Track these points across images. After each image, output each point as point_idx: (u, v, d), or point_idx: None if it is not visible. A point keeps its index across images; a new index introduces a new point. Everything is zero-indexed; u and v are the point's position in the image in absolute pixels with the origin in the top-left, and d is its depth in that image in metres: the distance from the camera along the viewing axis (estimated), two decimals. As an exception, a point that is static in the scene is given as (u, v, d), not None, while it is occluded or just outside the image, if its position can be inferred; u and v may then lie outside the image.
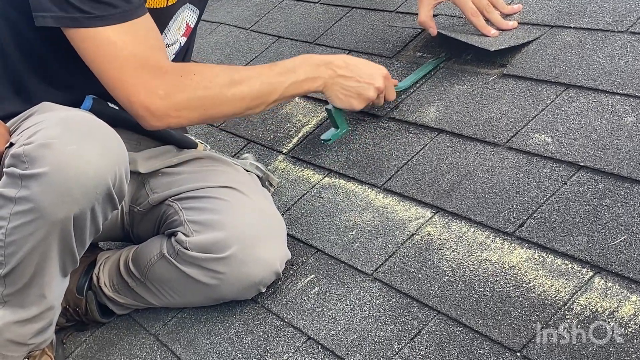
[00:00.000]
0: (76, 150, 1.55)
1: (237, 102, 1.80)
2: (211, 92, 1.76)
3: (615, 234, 1.51)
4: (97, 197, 1.58)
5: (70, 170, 1.54)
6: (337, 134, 2.07)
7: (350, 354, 1.56)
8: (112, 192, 1.60)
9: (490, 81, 2.01)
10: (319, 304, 1.71)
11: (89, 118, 1.65)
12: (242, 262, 1.73)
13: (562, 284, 1.48)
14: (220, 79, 1.78)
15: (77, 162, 1.54)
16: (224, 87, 1.78)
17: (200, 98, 1.75)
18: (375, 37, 2.43)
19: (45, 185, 1.53)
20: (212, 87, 1.76)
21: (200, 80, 1.75)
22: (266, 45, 2.74)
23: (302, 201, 2.00)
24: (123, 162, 1.63)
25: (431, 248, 1.69)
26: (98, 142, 1.59)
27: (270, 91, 1.84)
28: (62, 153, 1.54)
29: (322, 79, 1.92)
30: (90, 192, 1.57)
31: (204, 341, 1.76)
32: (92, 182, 1.56)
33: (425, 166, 1.89)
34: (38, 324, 1.72)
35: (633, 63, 1.83)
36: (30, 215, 1.56)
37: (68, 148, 1.55)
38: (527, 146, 1.78)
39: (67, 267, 1.68)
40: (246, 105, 1.82)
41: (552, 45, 2.00)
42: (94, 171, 1.56)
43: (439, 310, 1.56)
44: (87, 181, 1.55)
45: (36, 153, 1.55)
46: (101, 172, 1.57)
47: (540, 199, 1.65)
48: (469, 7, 2.08)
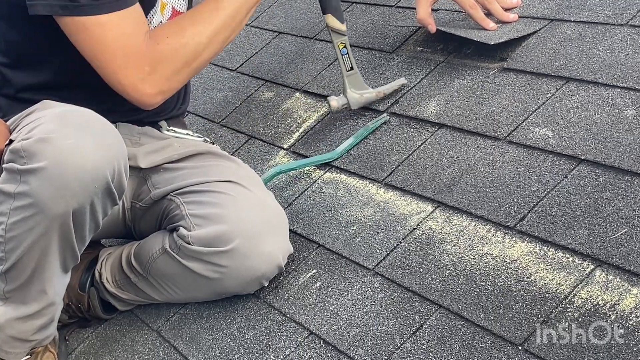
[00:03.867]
0: (74, 144, 1.55)
1: (214, 41, 1.81)
2: (189, 48, 1.78)
3: (616, 227, 1.51)
4: (96, 192, 1.58)
5: (68, 165, 1.54)
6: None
7: (352, 348, 1.57)
8: (111, 186, 1.61)
9: (491, 75, 2.01)
10: (320, 299, 1.71)
11: (87, 113, 1.65)
12: (244, 256, 1.73)
13: (563, 278, 1.48)
14: (189, 30, 1.79)
15: (75, 156, 1.55)
16: (196, 35, 1.79)
17: (181, 58, 1.77)
18: (375, 32, 2.43)
19: (44, 180, 1.54)
20: (187, 42, 1.78)
21: (175, 41, 1.77)
22: (267, 41, 2.74)
23: (304, 196, 2.00)
24: (122, 157, 1.63)
25: (432, 242, 1.69)
26: (96, 137, 1.59)
27: (234, 12, 1.84)
28: (60, 147, 1.54)
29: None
30: (89, 186, 1.57)
31: (206, 337, 1.76)
32: (90, 176, 1.56)
33: (426, 161, 1.89)
34: (40, 320, 1.72)
35: (633, 56, 1.83)
36: (29, 210, 1.56)
37: (66, 142, 1.55)
38: (527, 140, 1.79)
39: (67, 263, 1.68)
40: (222, 38, 1.83)
41: (552, 39, 2.00)
42: (92, 165, 1.56)
43: (441, 305, 1.56)
44: (85, 175, 1.56)
45: (34, 148, 1.55)
46: (99, 166, 1.57)
47: (541, 192, 1.66)
48: (467, 0, 2.08)
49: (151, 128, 1.98)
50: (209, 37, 1.80)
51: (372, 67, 2.30)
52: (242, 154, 2.28)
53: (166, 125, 2.00)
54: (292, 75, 2.48)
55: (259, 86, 2.54)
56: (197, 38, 1.79)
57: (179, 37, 1.77)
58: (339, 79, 2.33)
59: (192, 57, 1.79)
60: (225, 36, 1.84)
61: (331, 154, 2.05)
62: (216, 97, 2.61)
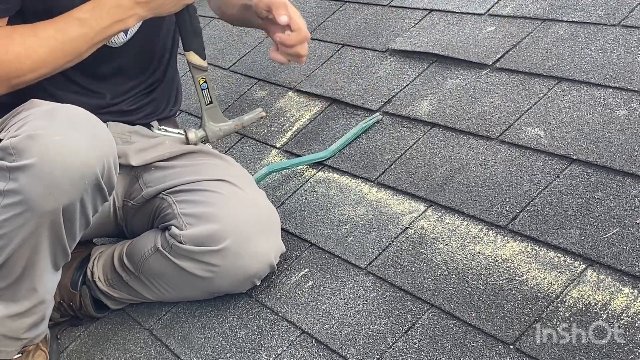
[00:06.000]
0: (62, 140, 1.55)
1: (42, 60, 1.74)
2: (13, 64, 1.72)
3: (607, 227, 1.51)
4: (85, 188, 1.58)
5: (57, 161, 1.53)
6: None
7: (344, 347, 1.57)
8: (100, 182, 1.60)
9: (483, 75, 2.02)
10: (313, 298, 1.71)
11: (76, 110, 1.64)
12: (236, 255, 1.73)
13: (555, 277, 1.49)
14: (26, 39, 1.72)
15: (64, 152, 1.54)
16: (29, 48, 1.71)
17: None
18: (368, 31, 2.44)
19: (33, 176, 1.53)
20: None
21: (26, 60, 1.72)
22: (259, 40, 2.74)
23: (296, 195, 2.00)
24: (111, 153, 1.63)
25: (424, 242, 1.70)
26: (85, 133, 1.59)
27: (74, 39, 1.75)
28: (48, 144, 1.54)
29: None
30: (78, 182, 1.56)
31: (198, 335, 1.76)
32: (79, 173, 1.56)
33: (418, 160, 1.90)
34: (30, 318, 1.72)
35: (625, 56, 1.83)
36: (19, 207, 1.56)
37: (54, 139, 1.54)
38: (519, 140, 1.79)
39: (58, 261, 1.68)
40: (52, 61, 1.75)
41: (545, 39, 2.01)
42: (81, 161, 1.56)
43: (433, 304, 1.56)
44: (74, 171, 1.55)
45: (23, 145, 1.54)
46: (88, 162, 1.57)
47: (533, 192, 1.66)
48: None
49: (142, 127, 1.98)
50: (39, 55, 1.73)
51: (364, 67, 2.30)
52: (235, 152, 2.28)
53: (157, 124, 2.00)
54: (284, 74, 2.48)
55: (252, 85, 2.54)
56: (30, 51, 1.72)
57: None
58: (332, 77, 2.33)
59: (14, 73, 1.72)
60: (57, 61, 1.75)
61: (324, 153, 2.05)
62: (209, 96, 2.61)
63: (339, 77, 2.32)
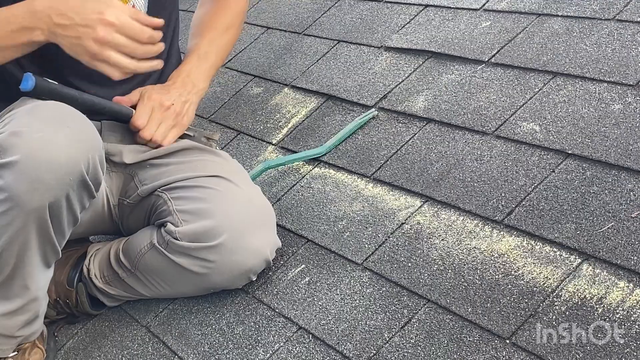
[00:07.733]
0: (47, 137, 1.54)
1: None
2: None
3: (602, 221, 1.51)
4: (71, 184, 1.58)
5: (41, 157, 1.53)
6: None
7: (341, 343, 1.57)
8: (86, 178, 1.60)
9: (478, 70, 2.02)
10: (309, 294, 1.71)
11: (60, 106, 1.64)
12: (232, 250, 1.73)
13: (551, 271, 1.49)
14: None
15: (48, 148, 1.54)
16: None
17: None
18: (364, 27, 2.44)
19: (18, 173, 1.53)
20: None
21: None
22: (255, 36, 2.74)
23: (292, 191, 2.00)
24: (97, 150, 1.63)
25: (420, 237, 1.70)
26: (69, 130, 1.58)
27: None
28: (32, 140, 1.53)
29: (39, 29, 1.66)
30: (63, 178, 1.56)
31: (196, 332, 1.76)
32: (64, 169, 1.56)
33: (414, 155, 1.90)
34: (24, 315, 1.72)
35: (620, 51, 1.83)
36: (5, 205, 1.55)
37: (38, 135, 1.54)
38: (515, 134, 1.79)
39: (49, 258, 1.68)
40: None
41: (540, 34, 2.01)
42: (66, 158, 1.55)
43: (429, 299, 1.56)
44: (59, 168, 1.55)
45: (7, 142, 1.54)
46: (73, 159, 1.56)
47: (529, 187, 1.66)
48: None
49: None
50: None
51: (360, 63, 2.30)
52: (231, 149, 2.27)
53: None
54: (280, 71, 2.48)
55: (248, 81, 2.54)
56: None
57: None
58: (327, 74, 2.33)
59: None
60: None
61: (320, 149, 2.05)
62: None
63: (335, 73, 2.32)
